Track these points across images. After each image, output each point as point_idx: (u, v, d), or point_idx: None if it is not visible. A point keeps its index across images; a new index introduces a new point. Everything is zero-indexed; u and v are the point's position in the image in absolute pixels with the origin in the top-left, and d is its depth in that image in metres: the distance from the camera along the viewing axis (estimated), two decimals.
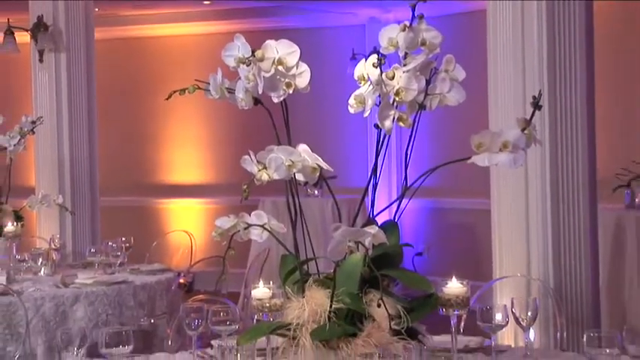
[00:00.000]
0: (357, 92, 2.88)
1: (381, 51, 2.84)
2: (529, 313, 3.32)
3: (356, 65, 2.89)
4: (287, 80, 2.84)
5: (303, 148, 2.78)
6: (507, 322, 3.22)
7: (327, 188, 2.94)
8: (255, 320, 3.10)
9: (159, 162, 11.11)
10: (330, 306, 2.77)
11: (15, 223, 5.82)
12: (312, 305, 2.79)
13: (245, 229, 2.87)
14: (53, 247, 5.93)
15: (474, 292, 3.29)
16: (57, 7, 7.23)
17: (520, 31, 4.54)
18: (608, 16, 7.46)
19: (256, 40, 2.85)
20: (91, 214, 7.33)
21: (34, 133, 6.20)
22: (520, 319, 3.31)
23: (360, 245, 2.77)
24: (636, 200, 6.36)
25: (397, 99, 2.82)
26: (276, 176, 2.77)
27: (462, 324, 3.24)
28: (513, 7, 4.56)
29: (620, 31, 8.11)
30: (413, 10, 2.83)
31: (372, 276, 2.77)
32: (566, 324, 4.34)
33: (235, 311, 3.36)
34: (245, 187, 2.81)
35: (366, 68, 2.86)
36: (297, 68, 2.84)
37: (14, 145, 5.98)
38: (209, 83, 2.93)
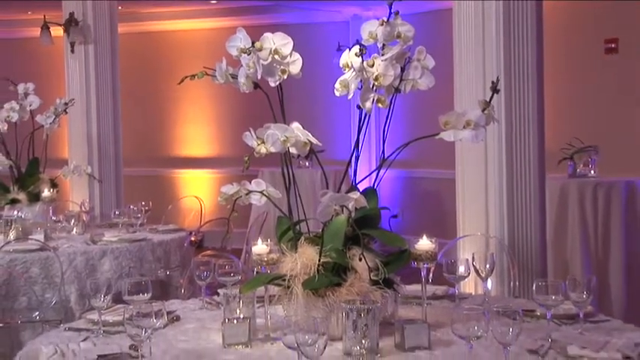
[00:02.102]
0: (342, 78, 2.87)
1: (362, 42, 2.83)
2: (487, 266, 3.32)
3: (341, 55, 2.88)
4: (282, 67, 2.83)
5: (296, 125, 2.77)
6: (469, 273, 3.22)
7: (317, 160, 2.92)
8: (255, 272, 3.09)
9: (173, 138, 11.10)
10: (319, 260, 2.77)
11: (51, 190, 5.82)
12: (304, 259, 2.79)
13: (246, 194, 2.86)
14: (83, 210, 5.93)
15: (441, 248, 3.28)
16: (86, 5, 7.20)
17: (481, 26, 4.53)
18: (557, 13, 7.44)
19: (256, 34, 2.85)
20: (115, 182, 7.32)
21: (66, 113, 6.18)
22: (479, 271, 3.31)
23: (344, 208, 2.76)
24: (577, 171, 6.38)
25: (376, 83, 2.81)
26: (272, 150, 2.76)
27: (431, 275, 3.24)
28: (475, 6, 4.55)
29: (567, 26, 8.10)
30: (390, 8, 2.83)
31: (354, 234, 2.77)
32: (518, 275, 4.35)
33: (238, 265, 3.36)
34: (246, 159, 2.80)
35: (349, 57, 2.85)
36: (290, 57, 2.84)
37: (50, 124, 5.97)
38: (216, 70, 2.91)
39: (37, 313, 4.62)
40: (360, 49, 2.79)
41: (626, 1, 7.84)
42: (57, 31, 7.41)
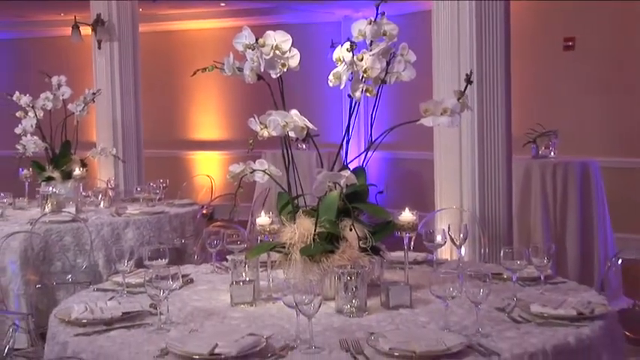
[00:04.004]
0: (334, 70, 2.86)
1: (352, 40, 2.81)
2: (461, 235, 3.32)
3: (334, 50, 2.87)
4: (282, 61, 2.81)
5: (294, 112, 2.76)
6: (445, 241, 3.22)
7: (313, 143, 2.91)
8: (259, 241, 3.09)
9: (187, 123, 11.07)
10: (315, 230, 2.76)
11: (81, 169, 5.81)
12: (301, 230, 2.79)
13: (251, 173, 2.85)
14: (109, 186, 5.91)
15: (421, 220, 3.28)
16: (111, 7, 7.16)
17: (456, 26, 4.50)
18: (524, 14, 7.42)
19: (259, 32, 2.83)
20: (137, 162, 7.29)
21: (94, 101, 6.16)
22: (454, 240, 3.31)
23: (337, 185, 2.75)
24: (539, 152, 6.37)
25: (365, 75, 2.80)
26: (274, 133, 2.75)
27: (412, 243, 3.23)
28: (451, 7, 4.52)
29: (532, 25, 8.08)
30: (377, 9, 2.81)
31: (345, 208, 2.76)
32: (487, 243, 4.35)
33: (244, 234, 3.35)
34: (251, 141, 2.79)
35: (341, 53, 2.84)
36: (289, 52, 2.82)
37: (80, 111, 5.94)
38: (224, 64, 2.89)
39: (69, 275, 4.62)
40: (350, 45, 2.78)
41: (583, 2, 7.84)
42: (86, 30, 7.36)
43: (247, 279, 2.88)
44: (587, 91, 7.99)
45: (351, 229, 2.73)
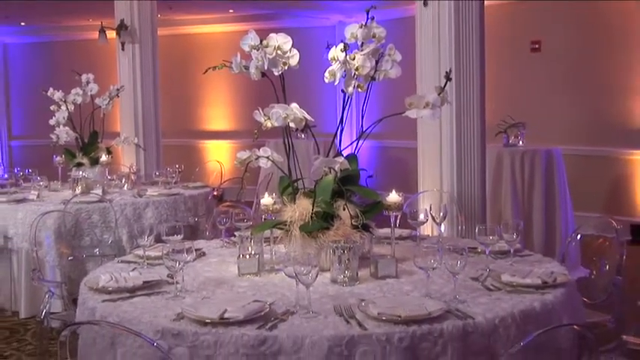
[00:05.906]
0: (330, 69, 2.84)
1: (346, 41, 2.80)
2: (441, 214, 3.32)
3: (329, 51, 2.85)
4: (283, 60, 2.80)
5: (294, 105, 2.75)
6: (427, 219, 3.21)
7: (310, 132, 2.89)
8: (263, 219, 3.08)
9: (200, 116, 11.04)
10: (312, 209, 2.75)
11: (107, 156, 5.81)
12: (300, 209, 2.78)
13: (256, 159, 2.84)
14: (132, 171, 5.90)
15: (406, 201, 3.27)
16: (133, 13, 7.11)
17: (437, 29, 4.47)
18: (497, 18, 7.38)
19: (263, 35, 2.82)
20: (156, 149, 7.27)
21: (118, 96, 6.14)
22: (435, 218, 3.31)
23: (332, 170, 2.74)
24: (510, 141, 6.35)
25: (356, 73, 2.79)
26: (276, 124, 2.74)
27: (398, 221, 3.22)
28: (432, 10, 4.49)
29: (503, 29, 8.05)
30: (367, 15, 2.79)
31: (339, 190, 2.75)
32: (464, 221, 4.35)
33: (250, 213, 3.34)
34: (256, 131, 2.78)
35: (336, 53, 2.82)
36: (290, 52, 2.81)
37: (105, 105, 5.93)
38: (232, 62, 2.87)
39: (97, 249, 4.62)
40: (344, 46, 2.77)
41: (549, 9, 7.81)
42: (111, 34, 7.32)
43: (253, 252, 2.87)
44: (551, 88, 7.99)
45: (344, 209, 2.72)
